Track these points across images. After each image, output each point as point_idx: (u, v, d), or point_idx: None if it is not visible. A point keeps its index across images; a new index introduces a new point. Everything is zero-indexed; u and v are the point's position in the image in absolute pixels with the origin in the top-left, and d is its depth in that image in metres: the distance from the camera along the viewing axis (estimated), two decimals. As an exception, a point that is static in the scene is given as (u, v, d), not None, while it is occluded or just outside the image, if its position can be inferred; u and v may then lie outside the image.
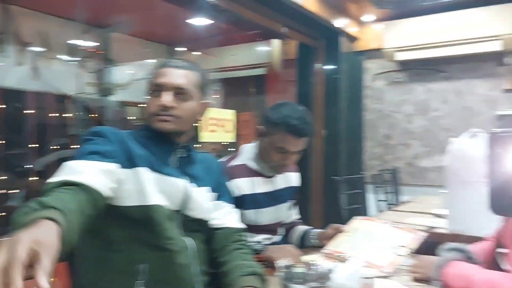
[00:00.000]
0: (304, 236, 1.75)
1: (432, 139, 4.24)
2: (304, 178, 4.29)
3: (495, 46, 3.61)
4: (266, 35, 4.28)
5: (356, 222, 1.66)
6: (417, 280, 1.31)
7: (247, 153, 1.66)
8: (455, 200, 2.09)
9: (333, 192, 3.47)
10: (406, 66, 4.32)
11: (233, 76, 4.88)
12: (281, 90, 4.60)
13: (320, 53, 4.26)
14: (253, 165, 1.63)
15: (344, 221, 1.88)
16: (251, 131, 4.26)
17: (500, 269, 1.25)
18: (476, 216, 1.99)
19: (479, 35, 3.65)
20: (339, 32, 4.16)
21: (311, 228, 1.79)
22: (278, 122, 1.52)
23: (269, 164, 1.61)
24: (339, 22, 4.12)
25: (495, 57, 3.86)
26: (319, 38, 4.21)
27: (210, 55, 4.77)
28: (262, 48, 4.86)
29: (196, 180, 1.26)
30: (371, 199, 3.69)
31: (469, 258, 1.29)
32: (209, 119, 3.47)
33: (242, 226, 1.37)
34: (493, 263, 1.32)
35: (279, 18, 3.61)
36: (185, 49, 4.93)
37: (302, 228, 1.82)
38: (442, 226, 2.24)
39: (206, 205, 1.27)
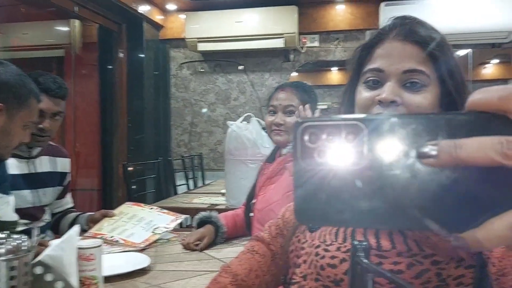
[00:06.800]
0: (74, 221, 1.72)
1: (232, 126, 4.57)
2: (107, 166, 4.21)
3: (279, 44, 4.08)
4: (62, 14, 3.97)
5: (125, 207, 1.73)
6: (185, 247, 1.49)
7: None
8: (230, 178, 2.30)
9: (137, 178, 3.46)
10: (209, 57, 4.55)
11: (26, 56, 4.38)
12: (82, 74, 4.34)
13: (122, 38, 4.16)
14: None
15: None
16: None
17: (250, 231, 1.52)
18: (246, 191, 2.23)
19: (266, 32, 4.07)
20: (142, 18, 4.12)
21: (83, 213, 1.76)
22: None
23: None
24: (142, 8, 4.08)
25: (280, 53, 4.37)
26: (120, 23, 4.10)
27: (-5, 31, 4.20)
28: (60, 28, 4.49)
29: None
30: (176, 182, 3.79)
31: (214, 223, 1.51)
32: None
33: (14, 218, 1.31)
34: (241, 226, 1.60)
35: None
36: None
37: (73, 214, 1.78)
38: (223, 203, 2.45)
39: None
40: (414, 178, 0.28)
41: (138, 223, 1.60)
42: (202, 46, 4.29)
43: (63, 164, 1.75)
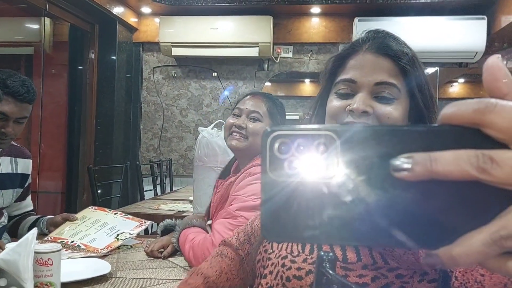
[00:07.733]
0: (34, 224, 1.66)
1: (204, 133, 4.53)
2: (73, 169, 4.09)
3: (254, 52, 4.09)
4: (33, 12, 3.86)
5: (88, 211, 1.69)
6: (148, 255, 1.46)
7: None
8: (198, 184, 2.28)
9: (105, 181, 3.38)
10: (182, 62, 4.52)
11: (-9, 52, 4.24)
12: (51, 74, 4.22)
13: (95, 39, 4.08)
14: None
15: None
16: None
17: None
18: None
19: (241, 40, 4.08)
20: (115, 19, 4.06)
21: (43, 216, 1.70)
22: None
23: None
24: (116, 10, 4.02)
25: (255, 62, 4.38)
26: (93, 23, 4.03)
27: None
28: (30, 26, 4.36)
29: None
30: (143, 188, 3.72)
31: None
32: None
33: None
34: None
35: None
36: None
37: (33, 217, 1.72)
38: (190, 210, 2.42)
39: None
40: (386, 192, 0.27)
41: (101, 228, 1.56)
42: (176, 51, 4.26)
43: (25, 166, 1.69)
